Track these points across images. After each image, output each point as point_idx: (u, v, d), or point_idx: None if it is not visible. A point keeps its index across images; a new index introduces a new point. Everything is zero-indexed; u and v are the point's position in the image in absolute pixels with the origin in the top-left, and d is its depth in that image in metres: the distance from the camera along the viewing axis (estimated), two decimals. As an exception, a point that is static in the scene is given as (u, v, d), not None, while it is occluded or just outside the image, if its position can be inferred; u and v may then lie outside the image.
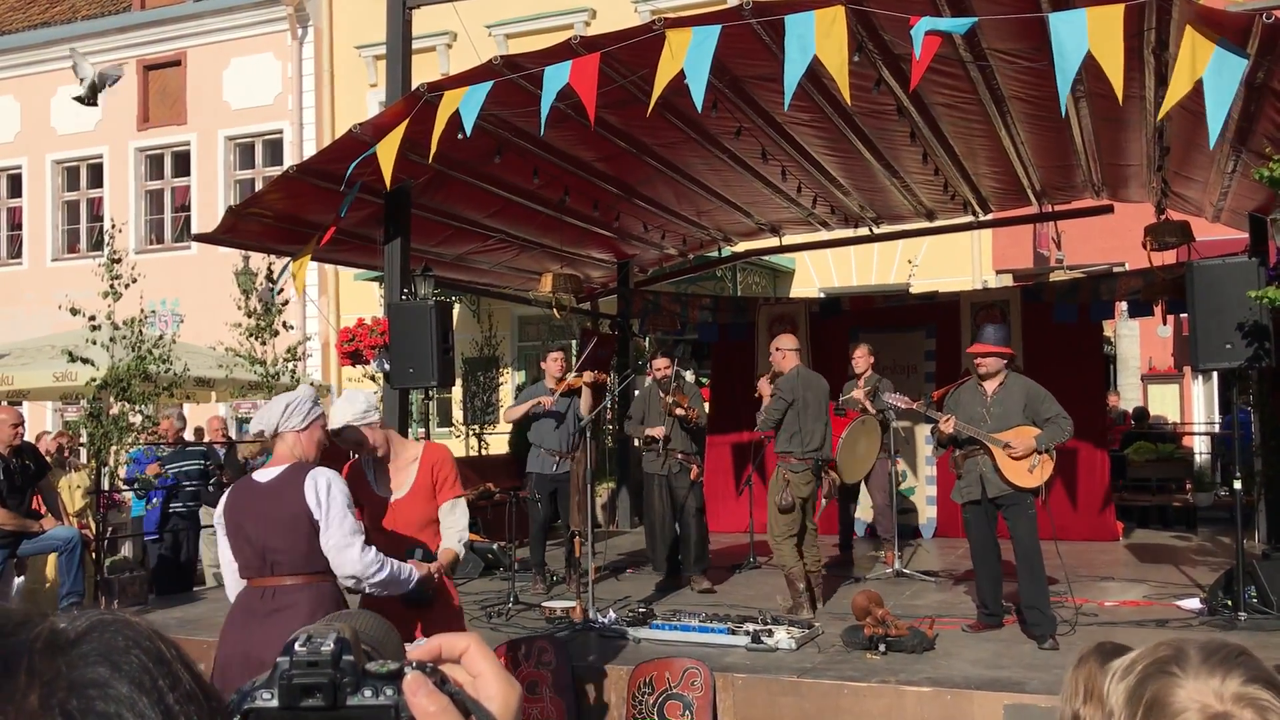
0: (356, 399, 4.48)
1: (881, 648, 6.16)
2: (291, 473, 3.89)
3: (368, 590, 3.92)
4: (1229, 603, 7.00)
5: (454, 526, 4.43)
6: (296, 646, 0.77)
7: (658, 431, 8.62)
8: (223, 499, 4.01)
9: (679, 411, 8.50)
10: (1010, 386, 6.79)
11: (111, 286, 9.01)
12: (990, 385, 6.82)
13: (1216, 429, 15.60)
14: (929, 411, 7.41)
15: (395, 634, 0.90)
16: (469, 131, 7.04)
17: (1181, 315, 11.76)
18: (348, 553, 3.79)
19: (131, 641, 0.69)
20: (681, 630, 6.74)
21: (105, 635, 0.69)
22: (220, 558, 4.03)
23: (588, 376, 8.54)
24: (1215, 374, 13.75)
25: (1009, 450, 6.58)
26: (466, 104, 7.03)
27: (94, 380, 9.06)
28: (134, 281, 9.08)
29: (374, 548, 3.89)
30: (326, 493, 3.82)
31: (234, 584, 3.96)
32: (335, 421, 4.35)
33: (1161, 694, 1.12)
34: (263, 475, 3.96)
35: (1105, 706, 1.17)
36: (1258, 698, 1.10)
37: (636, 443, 9.25)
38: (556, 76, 6.80)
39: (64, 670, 0.67)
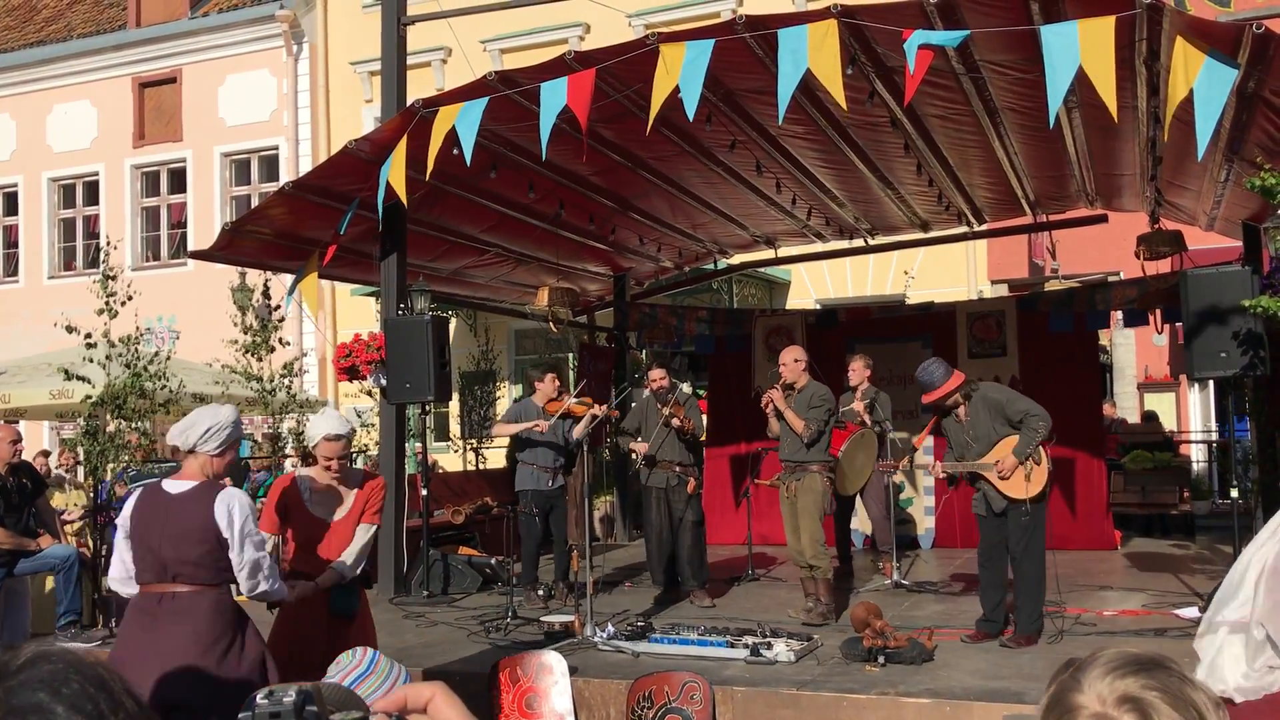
0: (343, 424, 4.88)
1: (880, 659, 6.15)
2: (202, 490, 4.05)
3: (254, 596, 4.19)
4: (1227, 611, 6.99)
5: (353, 547, 4.78)
6: (259, 699, 0.78)
7: (640, 448, 8.63)
8: (129, 503, 4.16)
9: (675, 423, 8.51)
10: (975, 406, 6.88)
11: (107, 304, 9.00)
12: (962, 412, 6.95)
13: (1214, 437, 15.63)
14: (916, 468, 7.71)
15: (359, 698, 0.92)
16: (469, 157, 7.06)
17: (1177, 324, 11.78)
18: (256, 571, 4.06)
19: (71, 669, 0.71)
20: (680, 644, 6.73)
21: (45, 665, 0.72)
22: (115, 557, 4.18)
23: (598, 409, 8.47)
24: (1211, 382, 13.76)
25: (998, 470, 6.71)
26: (463, 124, 7.05)
27: (89, 398, 9.05)
28: (130, 299, 9.07)
29: (267, 565, 4.16)
30: (238, 513, 4.02)
31: (121, 583, 4.14)
32: (316, 435, 4.80)
33: (1062, 695, 1.18)
34: (172, 486, 4.09)
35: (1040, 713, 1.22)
36: (1144, 701, 1.12)
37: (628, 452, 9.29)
38: (553, 94, 6.83)
39: (3, 697, 0.68)
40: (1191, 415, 16.18)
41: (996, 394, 6.94)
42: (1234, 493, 7.54)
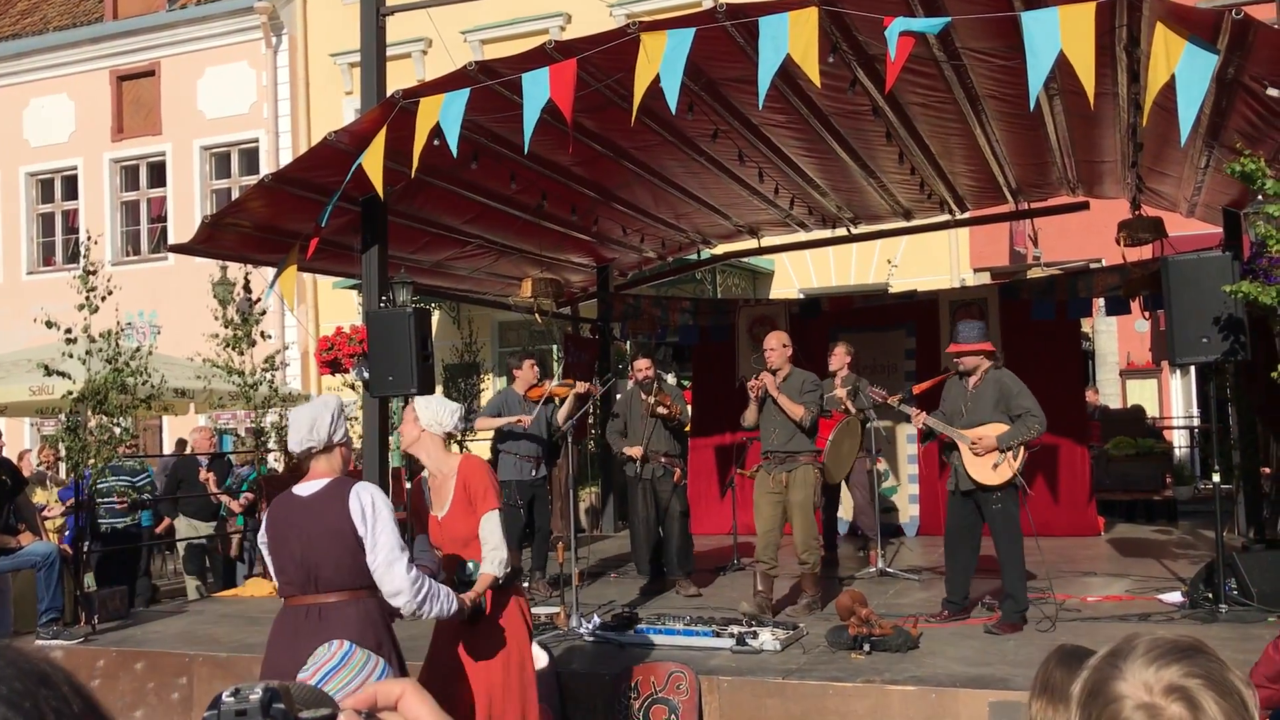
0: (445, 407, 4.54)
1: (866, 647, 6.17)
2: (334, 487, 3.83)
3: (413, 610, 3.81)
4: (1210, 595, 7.04)
5: (486, 545, 4.33)
6: (224, 698, 0.77)
7: (635, 452, 8.62)
8: (266, 514, 3.97)
9: (661, 411, 8.50)
10: (987, 381, 6.95)
11: (88, 299, 8.93)
12: (973, 380, 7.00)
13: (1195, 423, 15.71)
14: (902, 406, 7.60)
15: (328, 697, 0.90)
16: (454, 149, 7.02)
17: (1159, 311, 11.83)
18: (395, 568, 3.73)
19: (10, 665, 0.69)
20: (666, 634, 6.73)
21: None
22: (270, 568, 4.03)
23: (580, 387, 8.45)
24: (1193, 368, 13.83)
25: (972, 447, 6.77)
26: (446, 117, 7.01)
27: (70, 394, 8.98)
28: (110, 294, 9.00)
29: (415, 566, 3.84)
30: (372, 509, 3.77)
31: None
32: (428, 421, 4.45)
33: (1103, 685, 1.15)
34: (304, 489, 3.89)
35: (1071, 702, 1.19)
36: (1189, 690, 1.11)
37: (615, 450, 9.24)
38: (535, 85, 6.79)
39: None
40: (1173, 401, 16.25)
41: (1012, 382, 6.94)
42: (1215, 478, 7.57)
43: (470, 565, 4.29)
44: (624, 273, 14.02)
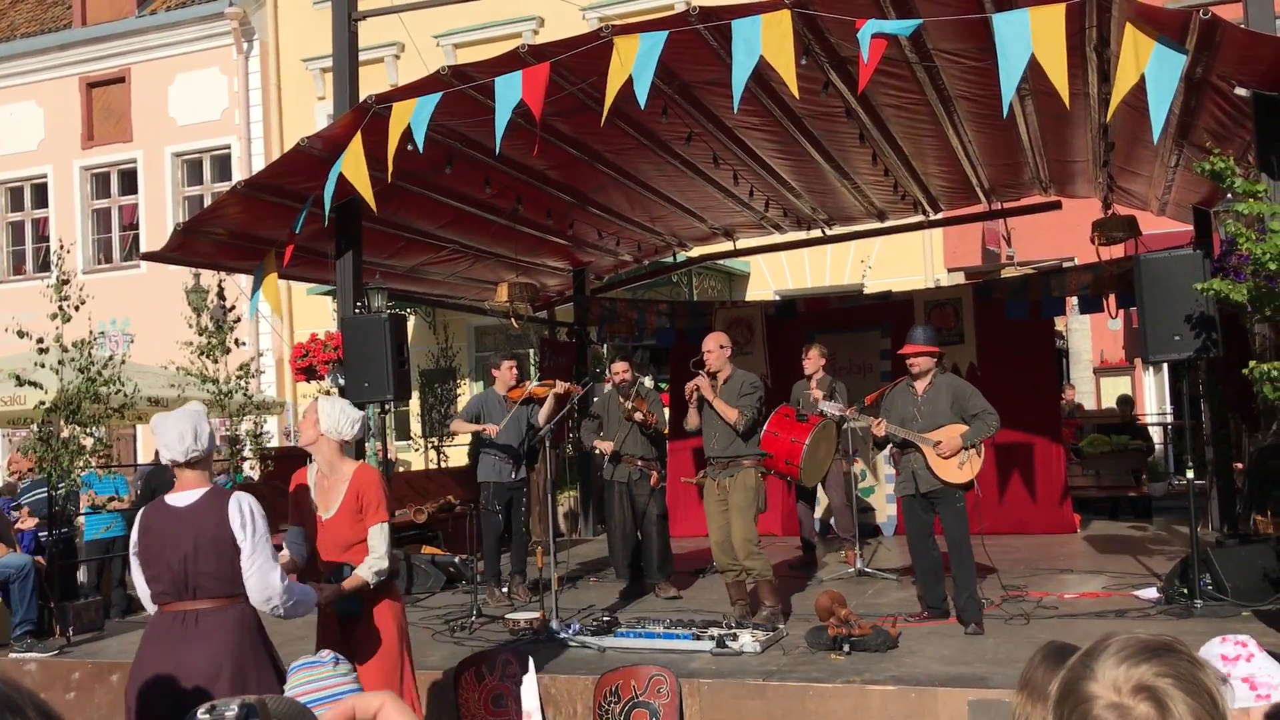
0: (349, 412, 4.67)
1: (845, 648, 6.18)
2: (212, 496, 3.91)
3: (279, 613, 3.96)
4: (1185, 591, 7.08)
5: (372, 553, 4.52)
6: (199, 714, 0.76)
7: (606, 446, 8.60)
8: (135, 525, 3.99)
9: (638, 417, 8.49)
10: (938, 385, 7.03)
11: (60, 308, 8.86)
12: (920, 385, 7.06)
13: (1169, 419, 15.83)
14: (861, 417, 7.56)
15: (310, 713, 0.90)
16: (421, 146, 7.01)
17: (1131, 309, 11.92)
18: (270, 576, 3.86)
19: None
20: (646, 637, 6.73)
21: None
22: (135, 582, 4.04)
23: (560, 387, 8.42)
24: (1165, 365, 13.94)
25: (938, 449, 6.82)
26: (416, 117, 6.99)
27: (42, 404, 8.91)
28: (82, 303, 8.93)
29: (283, 572, 3.98)
30: (251, 518, 3.87)
31: (147, 605, 4.00)
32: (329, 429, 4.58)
33: (1075, 684, 1.16)
34: (178, 499, 3.93)
35: (1048, 700, 1.19)
36: (1158, 689, 1.11)
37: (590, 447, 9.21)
38: (508, 88, 6.78)
39: None
40: (1147, 398, 16.38)
41: (964, 385, 7.12)
42: (1189, 474, 7.63)
43: (348, 568, 4.48)
44: (600, 276, 14.01)
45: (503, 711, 5.97)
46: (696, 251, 14.01)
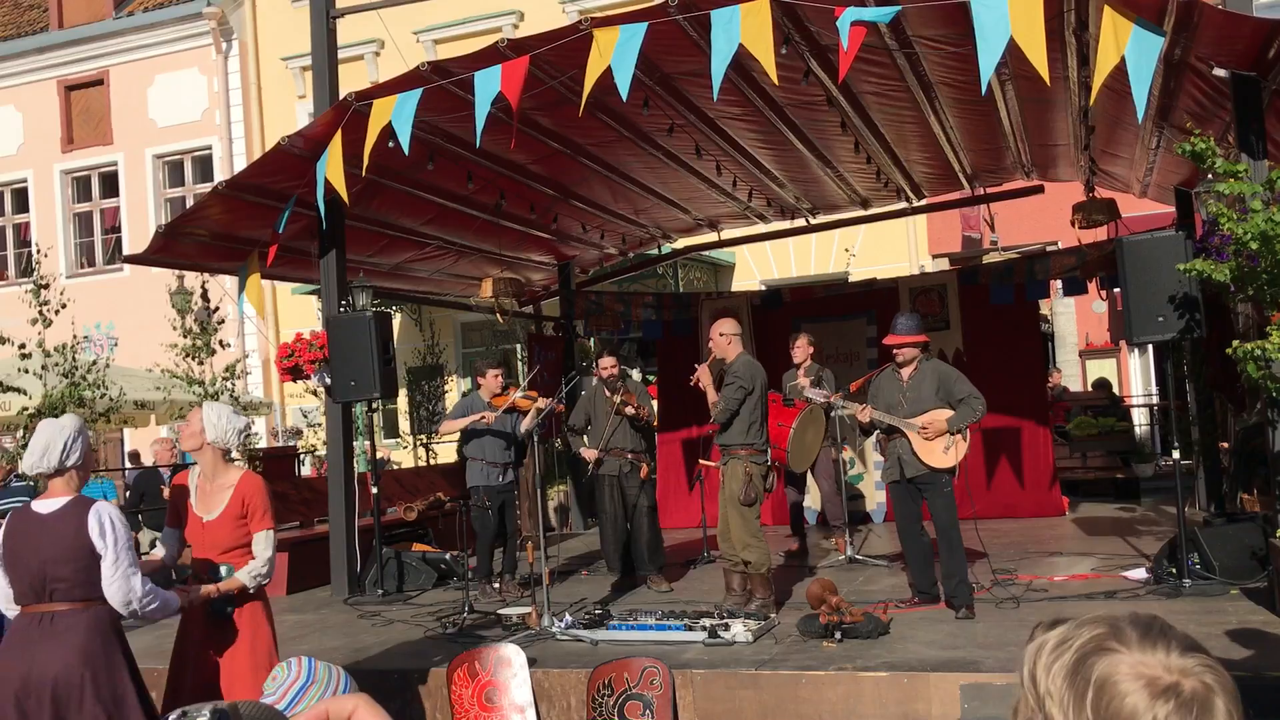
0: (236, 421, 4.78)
1: (837, 635, 6.19)
2: (74, 506, 4.08)
3: (139, 615, 4.13)
4: (1174, 570, 7.12)
5: (256, 559, 4.62)
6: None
7: (589, 454, 8.60)
8: (2, 529, 4.15)
9: (628, 411, 8.48)
10: (924, 371, 7.04)
11: (41, 313, 8.81)
12: (906, 371, 7.09)
13: (1155, 400, 15.90)
14: (845, 403, 7.60)
15: (281, 715, 0.89)
16: (406, 147, 6.99)
17: (1115, 291, 11.96)
18: (131, 581, 4.03)
19: None
20: (638, 630, 6.73)
21: None
22: None
23: (542, 403, 8.37)
24: (1150, 347, 14.00)
25: (923, 433, 6.85)
26: (399, 117, 6.97)
27: (26, 409, 8.87)
28: (64, 307, 8.89)
29: (144, 577, 4.12)
30: (111, 527, 4.04)
31: (6, 607, 4.15)
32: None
33: (1107, 672, 1.11)
34: (43, 506, 4.10)
35: (1039, 685, 1.15)
36: (1194, 668, 1.10)
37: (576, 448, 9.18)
38: (487, 82, 6.77)
39: None
40: (1132, 380, 16.45)
41: (949, 371, 7.14)
42: (1175, 454, 7.66)
43: (223, 569, 4.59)
44: (585, 270, 14.00)
45: (496, 707, 5.97)
46: (681, 243, 14.00)
